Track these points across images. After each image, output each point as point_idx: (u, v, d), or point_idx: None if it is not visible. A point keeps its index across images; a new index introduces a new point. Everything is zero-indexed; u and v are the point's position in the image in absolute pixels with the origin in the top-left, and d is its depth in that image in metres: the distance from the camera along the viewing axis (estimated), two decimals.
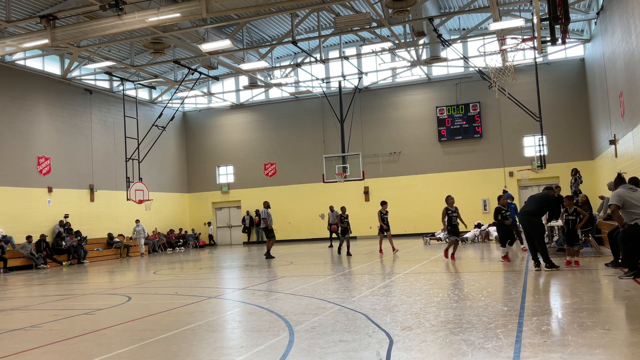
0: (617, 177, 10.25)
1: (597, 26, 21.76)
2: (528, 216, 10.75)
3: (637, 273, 9.20)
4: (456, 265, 12.74)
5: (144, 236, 25.38)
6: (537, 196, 11.21)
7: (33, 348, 6.02)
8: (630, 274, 9.19)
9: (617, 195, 9.63)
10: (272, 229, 18.62)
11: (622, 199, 9.46)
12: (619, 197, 9.56)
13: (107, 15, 17.48)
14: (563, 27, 10.78)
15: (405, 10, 18.28)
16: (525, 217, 10.78)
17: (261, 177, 31.96)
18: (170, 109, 28.85)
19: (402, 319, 6.47)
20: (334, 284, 10.26)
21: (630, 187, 9.74)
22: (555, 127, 26.23)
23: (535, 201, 10.95)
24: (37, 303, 10.31)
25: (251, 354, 5.24)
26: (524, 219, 10.85)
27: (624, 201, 9.44)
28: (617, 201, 9.58)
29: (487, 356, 4.69)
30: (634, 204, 9.42)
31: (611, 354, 4.61)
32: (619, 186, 9.87)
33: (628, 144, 16.61)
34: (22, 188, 22.36)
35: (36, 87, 23.56)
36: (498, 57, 19.51)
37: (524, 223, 10.86)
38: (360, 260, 15.86)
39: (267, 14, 21.21)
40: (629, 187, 9.75)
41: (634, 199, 9.45)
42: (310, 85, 29.74)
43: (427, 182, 28.35)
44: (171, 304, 8.74)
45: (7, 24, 18.15)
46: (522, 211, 11.02)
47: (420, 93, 29.27)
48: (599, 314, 6.30)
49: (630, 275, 9.18)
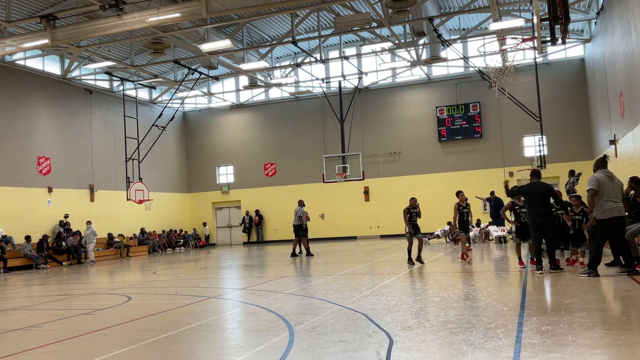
0: (602, 157, 9.69)
1: (597, 26, 21.76)
2: (543, 218, 10.05)
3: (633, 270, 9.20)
4: (456, 266, 12.73)
5: (93, 240, 22.23)
6: (537, 190, 10.20)
7: (33, 348, 6.02)
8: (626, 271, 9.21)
9: (595, 180, 9.13)
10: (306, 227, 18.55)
11: (599, 184, 9.06)
12: (597, 181, 9.10)
13: (107, 15, 17.48)
14: (563, 27, 10.79)
15: (405, 10, 18.27)
16: (540, 219, 10.02)
17: (261, 177, 31.96)
18: (170, 109, 28.85)
19: (402, 319, 6.46)
20: (334, 284, 10.26)
21: (608, 173, 9.33)
22: (555, 127, 26.22)
23: (541, 198, 10.12)
24: (37, 303, 10.31)
25: (251, 354, 5.24)
26: (540, 221, 10.02)
27: (600, 188, 9.06)
28: (595, 185, 9.07)
29: (487, 356, 4.69)
30: (608, 194, 9.05)
31: (611, 354, 4.61)
32: (598, 169, 9.40)
33: (628, 144, 16.61)
34: (22, 188, 22.36)
35: (36, 87, 23.56)
36: (498, 57, 19.52)
37: (540, 225, 10.06)
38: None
39: (267, 14, 21.21)
40: (607, 173, 9.33)
41: (610, 188, 9.08)
42: (310, 85, 29.74)
43: (427, 182, 28.35)
44: (171, 304, 8.73)
45: (7, 24, 18.15)
46: (535, 213, 10.10)
47: (420, 93, 29.27)
48: (599, 314, 6.29)
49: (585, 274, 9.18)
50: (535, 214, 10.10)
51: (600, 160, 9.63)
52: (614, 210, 9.07)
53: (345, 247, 22.84)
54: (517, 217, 11.32)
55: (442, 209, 24.88)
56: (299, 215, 18.44)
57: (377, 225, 29.48)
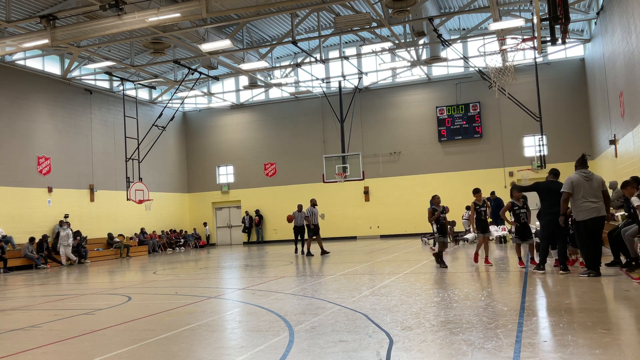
0: (581, 157, 9.63)
1: (597, 26, 21.76)
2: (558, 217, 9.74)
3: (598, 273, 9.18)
4: (456, 266, 12.72)
5: (68, 243, 20.95)
6: (556, 190, 9.80)
7: (33, 348, 6.02)
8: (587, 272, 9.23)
9: (570, 183, 9.17)
10: (317, 226, 18.56)
11: (574, 186, 9.09)
12: (571, 184, 9.14)
13: (107, 15, 17.48)
14: (563, 27, 10.78)
15: (405, 10, 18.28)
16: (557, 219, 9.68)
17: (261, 177, 31.97)
18: (170, 109, 28.85)
19: (402, 319, 6.46)
20: (334, 284, 10.26)
21: (585, 173, 9.26)
22: (555, 127, 26.23)
23: (557, 198, 9.71)
24: (37, 303, 10.31)
25: (251, 354, 5.24)
26: (557, 220, 9.68)
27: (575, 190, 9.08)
28: (568, 188, 9.13)
29: (487, 356, 4.69)
30: (584, 194, 9.03)
31: (611, 354, 4.61)
32: (577, 169, 9.36)
33: (628, 144, 16.61)
34: (22, 188, 22.36)
35: (36, 87, 23.56)
36: (498, 57, 19.52)
37: (556, 225, 9.71)
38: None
39: (267, 14, 21.21)
40: (585, 173, 9.27)
41: (586, 189, 9.06)
42: (310, 85, 29.74)
43: (427, 182, 28.34)
44: (171, 304, 8.73)
45: (7, 24, 18.15)
46: (553, 212, 9.75)
47: (420, 93, 29.27)
48: (598, 314, 6.29)
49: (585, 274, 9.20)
50: (553, 213, 9.78)
51: (579, 160, 9.59)
52: (593, 210, 9.11)
53: (345, 247, 22.84)
54: (516, 217, 11.19)
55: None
56: (306, 215, 18.50)
57: (377, 225, 29.49)
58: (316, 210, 18.85)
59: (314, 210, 18.68)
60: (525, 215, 11.13)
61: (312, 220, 18.55)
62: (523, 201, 11.25)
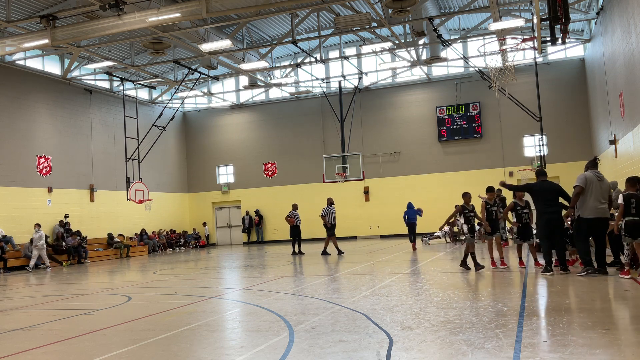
0: (593, 159, 9.94)
1: (597, 26, 21.76)
2: (558, 215, 9.94)
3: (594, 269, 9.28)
4: (456, 266, 12.70)
5: (39, 244, 19.49)
6: (550, 189, 10.00)
7: (33, 348, 6.02)
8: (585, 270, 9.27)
9: (584, 178, 9.32)
10: (334, 225, 18.43)
11: (587, 182, 9.23)
12: (585, 179, 9.28)
13: (107, 15, 17.48)
14: (563, 27, 10.78)
15: (405, 10, 18.28)
16: (556, 217, 9.88)
17: (261, 177, 31.96)
18: (170, 109, 28.85)
19: (402, 319, 6.46)
20: (334, 284, 10.26)
21: (598, 174, 9.46)
22: (555, 127, 26.23)
23: (555, 198, 9.95)
24: (37, 303, 10.31)
25: (251, 354, 5.24)
26: (555, 219, 9.85)
27: (587, 187, 9.22)
28: (582, 183, 9.25)
29: (487, 356, 4.69)
30: (594, 193, 9.18)
31: (611, 354, 4.61)
32: (589, 169, 9.58)
33: (628, 144, 16.61)
34: (22, 188, 22.36)
35: (36, 87, 23.56)
36: (498, 57, 19.50)
37: (555, 223, 9.87)
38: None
39: (267, 14, 21.21)
40: (597, 174, 9.47)
41: (597, 188, 9.21)
42: (310, 85, 29.74)
43: (427, 182, 28.35)
44: (171, 304, 8.73)
45: (7, 24, 18.15)
46: (551, 211, 9.89)
47: (420, 93, 29.27)
48: (598, 314, 6.30)
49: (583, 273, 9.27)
50: (551, 212, 9.88)
51: (591, 161, 9.85)
52: (599, 211, 9.26)
53: (345, 247, 22.80)
54: (518, 217, 11.15)
55: (441, 209, 24.85)
56: (322, 214, 18.39)
57: (377, 225, 29.49)
58: (333, 210, 18.60)
59: (330, 210, 18.46)
60: (527, 215, 11.12)
61: (330, 220, 18.39)
62: (526, 201, 11.27)
